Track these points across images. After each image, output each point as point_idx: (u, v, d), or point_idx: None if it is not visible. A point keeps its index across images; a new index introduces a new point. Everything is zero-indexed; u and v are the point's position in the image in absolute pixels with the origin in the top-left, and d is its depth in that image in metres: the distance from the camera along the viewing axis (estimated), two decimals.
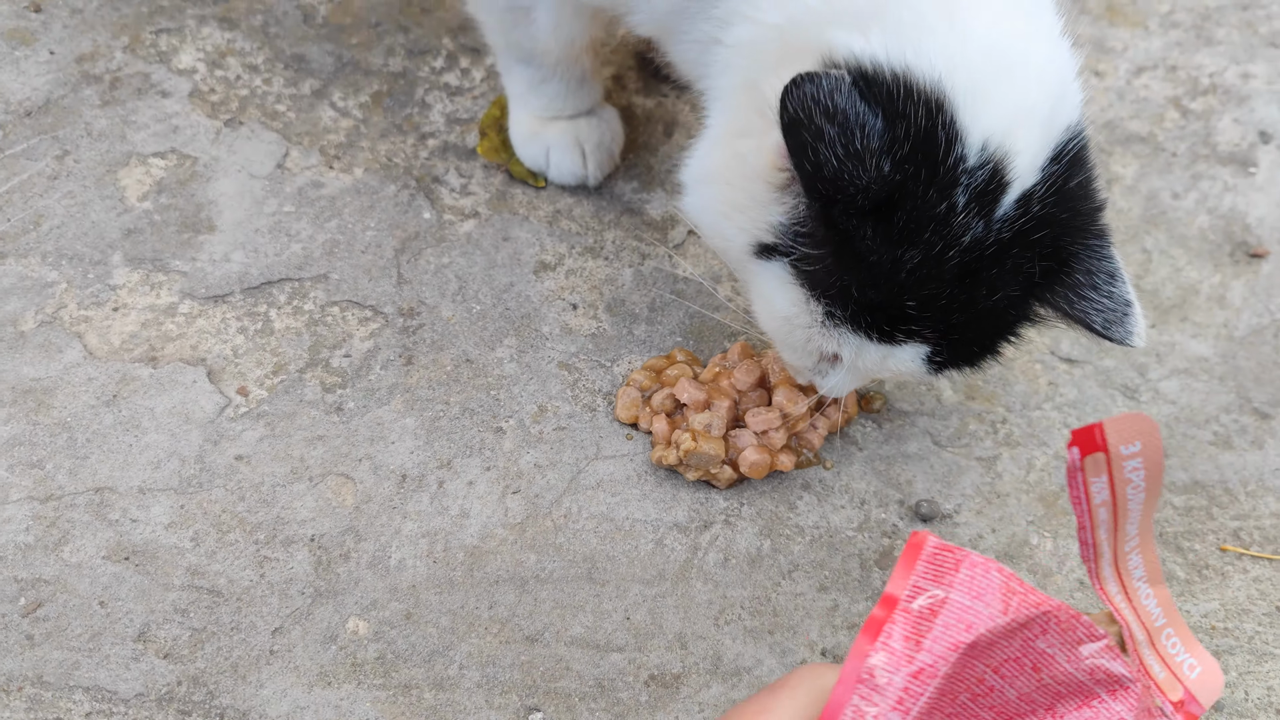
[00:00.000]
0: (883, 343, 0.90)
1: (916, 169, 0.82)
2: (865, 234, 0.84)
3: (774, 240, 0.89)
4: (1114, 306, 0.91)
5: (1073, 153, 0.89)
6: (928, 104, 0.82)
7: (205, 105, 1.28)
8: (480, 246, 1.22)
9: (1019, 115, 0.85)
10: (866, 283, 0.86)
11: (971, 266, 0.86)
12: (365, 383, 1.13)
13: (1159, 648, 0.89)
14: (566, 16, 1.12)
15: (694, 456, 1.07)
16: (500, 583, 1.04)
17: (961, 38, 0.84)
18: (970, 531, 1.12)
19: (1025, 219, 0.87)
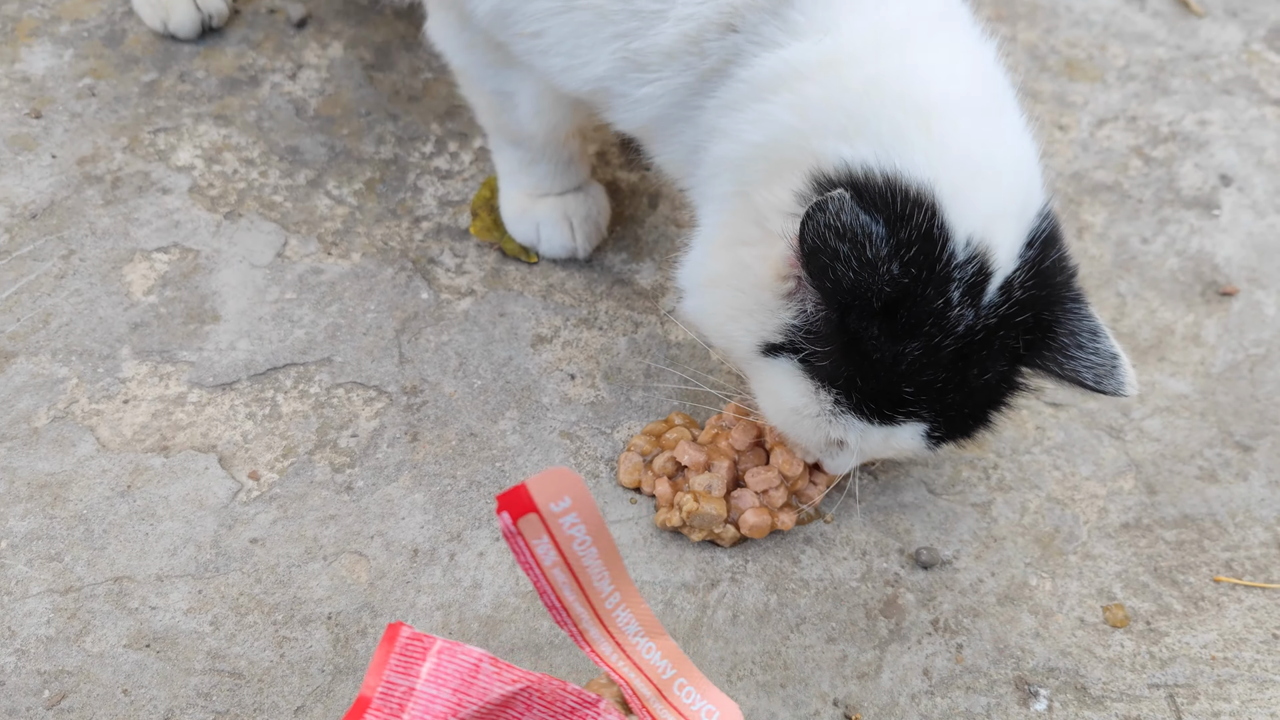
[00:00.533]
0: (884, 425, 0.97)
1: (919, 269, 0.89)
2: (873, 333, 0.91)
3: (783, 340, 0.96)
4: (1101, 361, 0.98)
5: (1045, 234, 0.96)
6: (921, 205, 0.89)
7: (204, 200, 1.32)
8: (478, 323, 1.26)
9: (996, 211, 0.93)
10: (869, 375, 0.93)
11: (964, 351, 0.93)
12: (373, 461, 1.15)
13: (672, 699, 0.86)
14: (547, 105, 1.17)
15: (697, 518, 1.10)
16: (515, 650, 1.06)
17: (940, 145, 0.91)
18: (970, 576, 1.15)
19: (1008, 304, 0.94)
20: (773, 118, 0.96)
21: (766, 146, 0.97)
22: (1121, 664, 1.11)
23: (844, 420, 0.97)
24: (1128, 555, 1.18)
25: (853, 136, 0.92)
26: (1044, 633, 1.12)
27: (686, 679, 0.86)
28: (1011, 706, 1.07)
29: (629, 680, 0.85)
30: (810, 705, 1.06)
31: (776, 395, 1.00)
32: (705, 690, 0.86)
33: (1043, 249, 0.96)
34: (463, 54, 1.18)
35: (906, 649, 1.10)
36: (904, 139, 0.91)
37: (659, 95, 1.01)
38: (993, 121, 0.97)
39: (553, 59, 1.04)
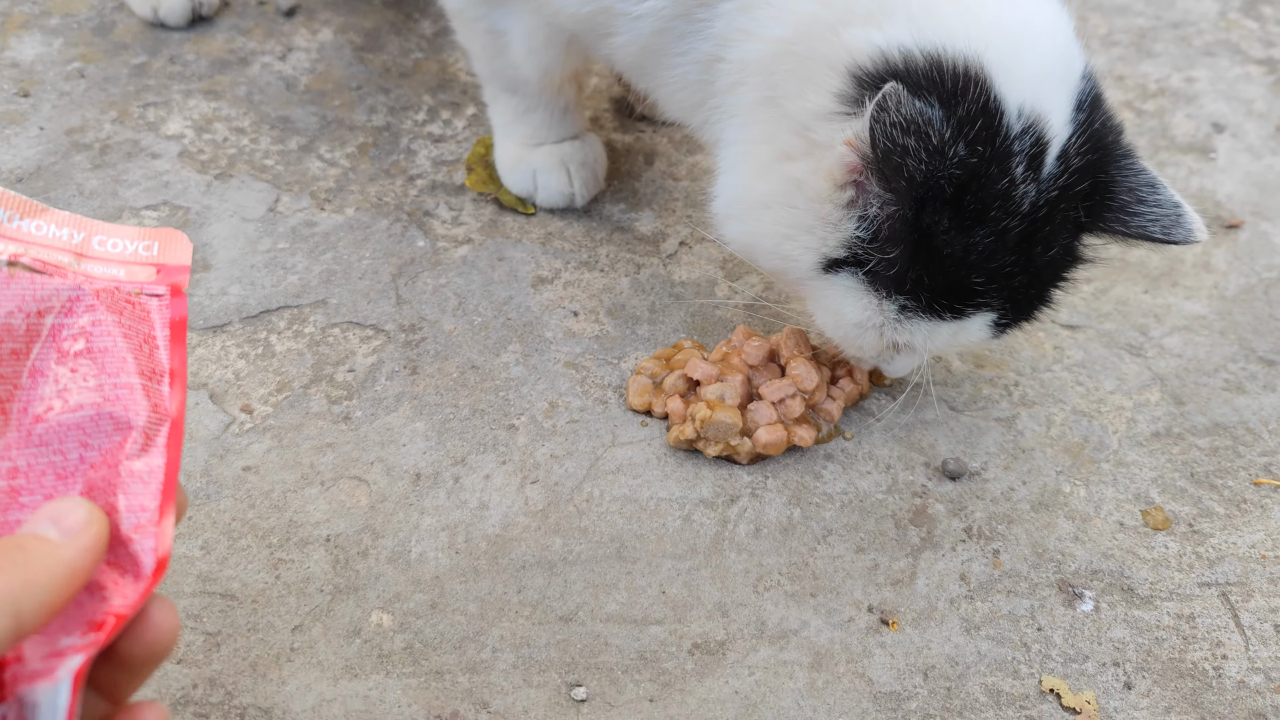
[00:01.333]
0: (955, 319, 0.93)
1: (983, 145, 0.85)
2: (943, 225, 0.87)
3: (846, 253, 0.91)
4: (1165, 212, 0.94)
5: (1091, 96, 0.93)
6: (971, 78, 0.86)
7: (195, 163, 1.30)
8: (476, 267, 1.23)
9: (1043, 77, 0.89)
10: (939, 271, 0.89)
11: (1030, 231, 0.90)
12: (371, 393, 1.11)
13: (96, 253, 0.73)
14: (539, 43, 1.14)
15: (711, 427, 1.05)
16: (527, 567, 0.99)
17: (974, 14, 0.88)
18: (1001, 485, 1.09)
19: (1067, 173, 0.90)
20: (796, 8, 0.92)
21: (793, 41, 0.92)
22: (1167, 564, 1.05)
23: (911, 324, 0.93)
24: (1161, 462, 1.13)
25: (880, 19, 0.88)
26: (1083, 536, 1.06)
27: (104, 233, 0.73)
28: (1056, 608, 1.01)
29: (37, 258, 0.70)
30: (844, 612, 0.99)
31: (838, 312, 0.96)
32: (123, 232, 0.73)
33: (1091, 111, 0.92)
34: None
35: (940, 556, 1.04)
36: (935, 13, 0.88)
37: (663, 6, 0.98)
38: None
39: None
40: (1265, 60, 1.63)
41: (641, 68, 1.07)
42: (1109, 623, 1.00)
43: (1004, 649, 0.98)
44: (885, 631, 0.98)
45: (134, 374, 0.68)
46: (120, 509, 0.63)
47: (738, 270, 1.26)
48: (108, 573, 0.62)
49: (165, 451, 0.67)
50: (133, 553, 0.63)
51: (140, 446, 0.66)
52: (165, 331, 0.70)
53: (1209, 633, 1.00)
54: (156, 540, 0.63)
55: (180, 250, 0.74)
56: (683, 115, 1.08)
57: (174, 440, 0.67)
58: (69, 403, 0.66)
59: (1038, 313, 0.99)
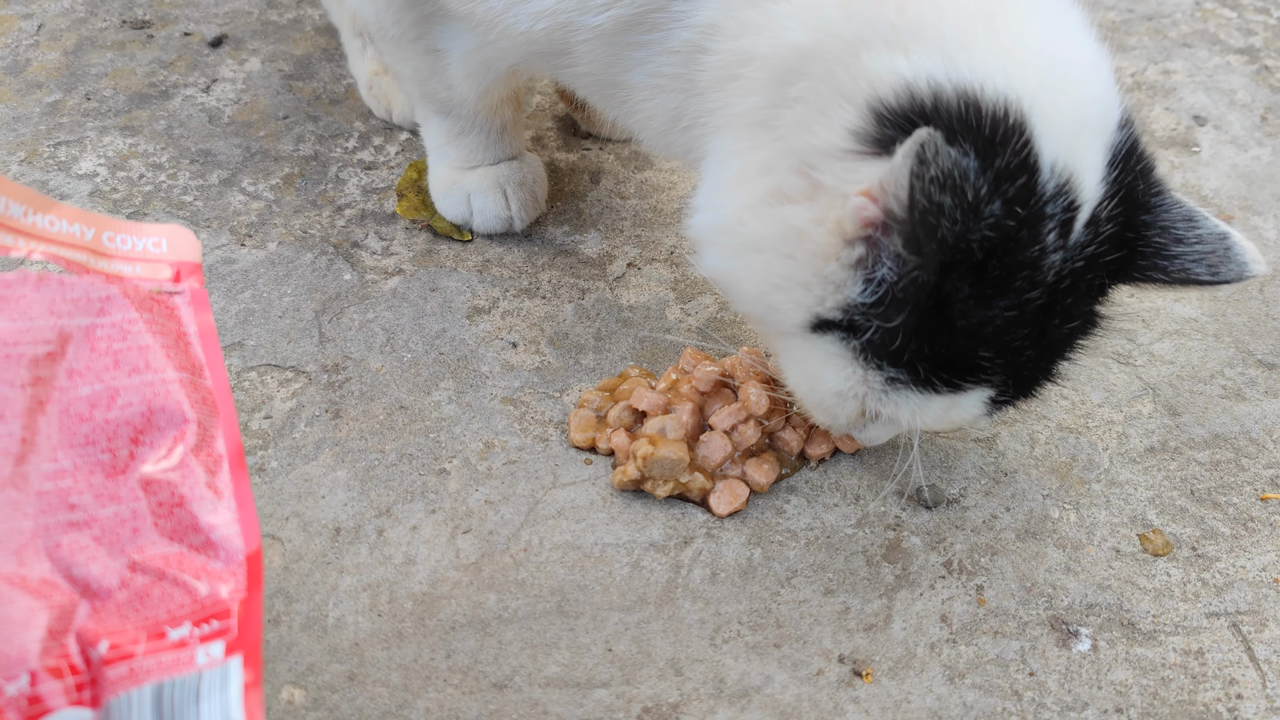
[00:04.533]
0: (950, 394, 0.81)
1: (1021, 205, 0.74)
2: (963, 293, 0.75)
3: (840, 317, 0.79)
4: (1209, 248, 0.82)
5: (1127, 148, 0.81)
6: (1011, 125, 0.73)
7: (107, 203, 1.22)
8: (407, 299, 1.14)
9: (1080, 128, 0.77)
10: (944, 343, 0.77)
11: (1049, 303, 0.78)
12: (289, 441, 1.01)
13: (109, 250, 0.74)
14: (478, 65, 1.05)
15: (655, 465, 0.96)
16: (457, 628, 0.89)
17: (1011, 47, 0.75)
18: (982, 513, 1.00)
19: (1096, 241, 0.79)
20: (822, 12, 0.78)
21: (810, 55, 0.78)
22: (1171, 594, 0.95)
23: (898, 396, 0.81)
24: (1158, 480, 1.03)
25: (908, 44, 0.75)
26: (1075, 567, 0.96)
27: (111, 228, 0.73)
28: (1050, 649, 0.91)
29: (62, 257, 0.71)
30: (812, 664, 0.89)
31: (816, 377, 0.84)
32: (137, 230, 0.75)
33: (1125, 164, 0.80)
34: (388, 13, 1.04)
35: (918, 595, 0.94)
36: (970, 42, 0.75)
37: (623, 15, 0.85)
38: (1056, 18, 0.80)
39: (489, 2, 0.90)
40: (1245, 49, 1.55)
41: (599, 78, 0.93)
42: (1109, 663, 0.90)
43: (993, 699, 0.87)
44: (859, 684, 0.88)
45: (174, 369, 0.70)
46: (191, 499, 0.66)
47: (690, 291, 1.17)
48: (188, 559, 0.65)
49: (226, 443, 0.70)
50: (214, 540, 0.66)
51: (199, 438, 0.69)
52: (194, 327, 0.73)
53: (1220, 669, 0.90)
54: (244, 528, 0.67)
55: (190, 247, 0.76)
56: (648, 125, 0.94)
57: (230, 429, 0.70)
58: (116, 401, 0.67)
59: (1039, 390, 0.87)
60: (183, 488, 0.68)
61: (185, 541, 0.67)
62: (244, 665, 0.64)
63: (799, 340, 0.82)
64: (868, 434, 0.92)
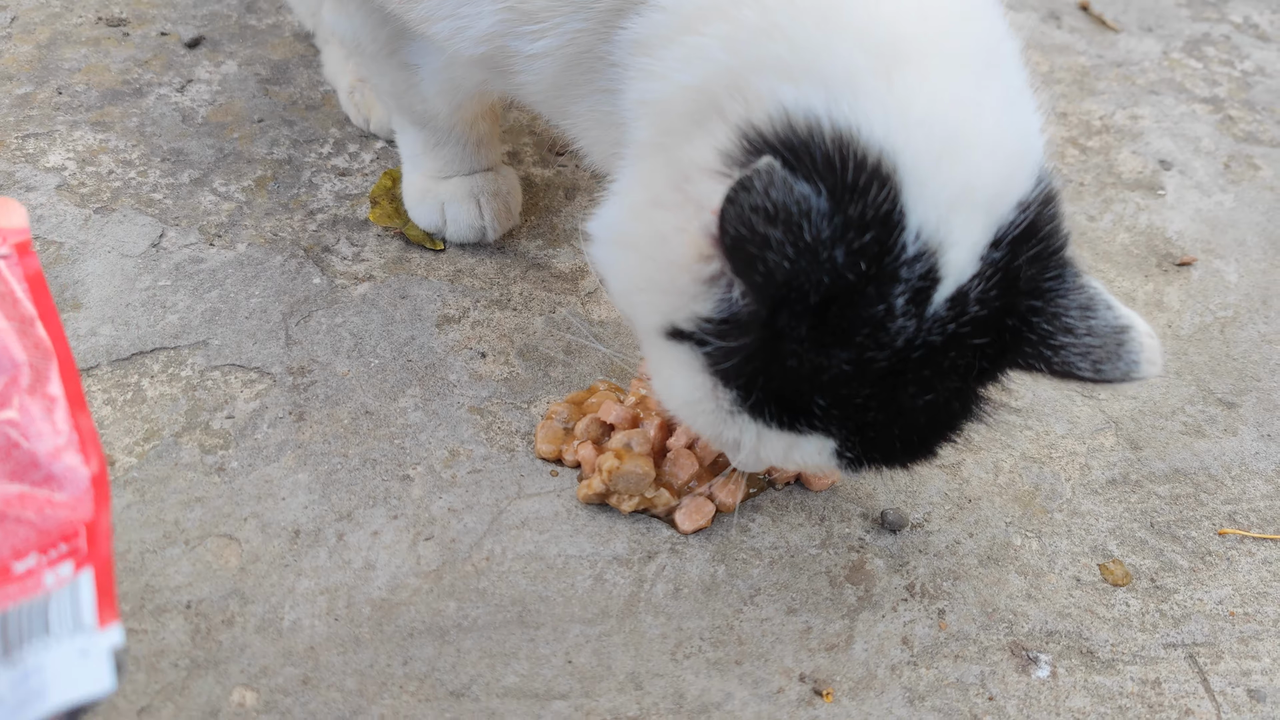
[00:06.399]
0: (785, 431, 0.78)
1: (868, 261, 0.70)
2: (799, 334, 0.72)
3: (690, 329, 0.77)
4: (1099, 342, 0.77)
5: (1019, 230, 0.76)
6: (880, 177, 0.70)
7: (74, 196, 1.20)
8: (377, 305, 1.13)
9: (959, 201, 0.72)
10: (780, 378, 0.75)
11: (898, 369, 0.75)
12: (251, 442, 1.00)
13: None
14: (448, 82, 1.05)
15: (620, 479, 0.95)
16: (416, 635, 0.88)
17: (901, 101, 0.72)
18: (945, 538, 1.00)
19: (959, 320, 0.75)
20: (706, 54, 0.78)
21: (698, 91, 0.78)
22: (1129, 624, 0.96)
23: (741, 421, 0.79)
24: (1119, 511, 1.04)
25: (798, 75, 0.73)
26: (1036, 594, 0.97)
27: None
28: (1009, 674, 0.91)
29: None
30: (773, 682, 0.88)
31: (671, 383, 0.82)
32: None
33: (1014, 248, 0.75)
34: (364, 30, 1.05)
35: (880, 617, 0.94)
36: (859, 86, 0.72)
37: (557, 46, 0.86)
38: (973, 81, 0.75)
39: (438, 24, 0.91)
40: (1210, 99, 1.59)
41: (551, 104, 0.95)
42: (1067, 690, 0.90)
43: None
44: (819, 704, 0.87)
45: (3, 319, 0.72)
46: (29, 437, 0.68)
47: None
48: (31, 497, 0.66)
49: (62, 383, 0.71)
50: (55, 473, 0.68)
51: (32, 379, 0.70)
52: (23, 285, 0.75)
53: (1177, 700, 0.91)
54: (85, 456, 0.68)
55: (15, 214, 0.78)
56: (593, 150, 0.96)
57: (68, 371, 0.72)
58: None
59: (908, 460, 0.83)
60: (19, 429, 0.69)
61: (27, 479, 0.68)
62: (95, 577, 0.65)
63: (659, 342, 0.81)
64: (738, 458, 0.87)
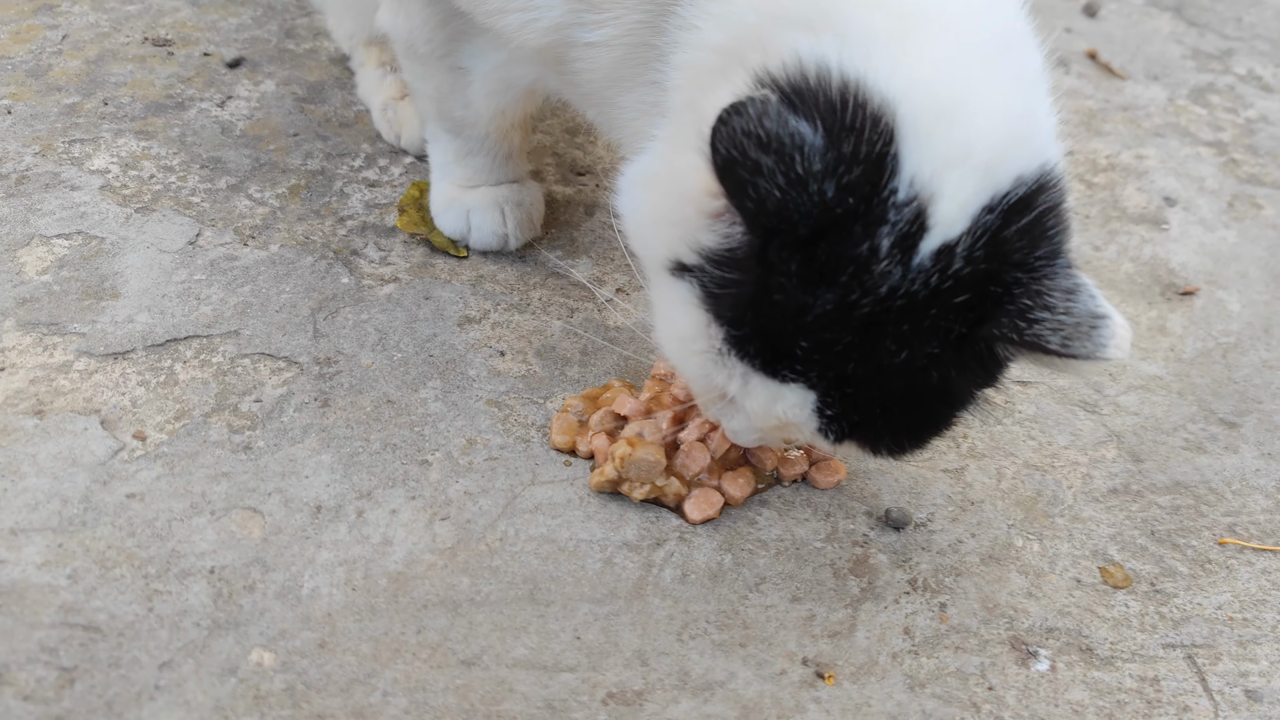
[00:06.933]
0: (768, 378, 0.81)
1: (856, 197, 0.75)
2: (789, 269, 0.76)
3: (693, 262, 0.82)
4: (1073, 321, 0.78)
5: (1015, 200, 0.79)
6: (878, 121, 0.75)
7: (116, 197, 1.25)
8: (401, 305, 1.17)
9: (957, 160, 0.76)
10: (767, 316, 0.78)
11: (879, 317, 0.77)
12: (277, 424, 1.03)
13: None
14: (500, 84, 1.11)
15: (632, 465, 0.98)
16: (430, 607, 0.90)
17: (911, 61, 0.77)
18: (948, 537, 1.02)
19: (944, 275, 0.77)
20: (735, 16, 0.84)
21: (726, 48, 0.84)
22: (1129, 624, 0.97)
23: (730, 363, 0.82)
24: (1119, 519, 1.06)
25: (817, 27, 0.78)
26: (1037, 593, 0.99)
27: None
28: (1009, 667, 0.93)
29: None
30: (775, 664, 0.90)
31: (669, 319, 0.86)
32: None
33: (1006, 216, 0.78)
34: (421, 31, 1.10)
35: (883, 608, 0.96)
36: (873, 42, 0.77)
37: (615, 36, 0.92)
38: (984, 58, 0.81)
39: (510, 15, 0.96)
40: (1214, 142, 1.63)
41: (601, 95, 1.00)
42: (1066, 684, 0.92)
43: (951, 708, 0.89)
44: (820, 686, 0.89)
45: None
46: None
47: None
48: None
49: None
50: None
51: None
52: None
53: (1175, 697, 0.92)
54: None
55: None
56: (633, 141, 0.99)
57: None
58: None
59: (895, 438, 0.85)
60: None
61: None
62: None
63: (664, 280, 0.85)
64: (731, 424, 0.91)
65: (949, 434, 0.91)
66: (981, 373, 0.83)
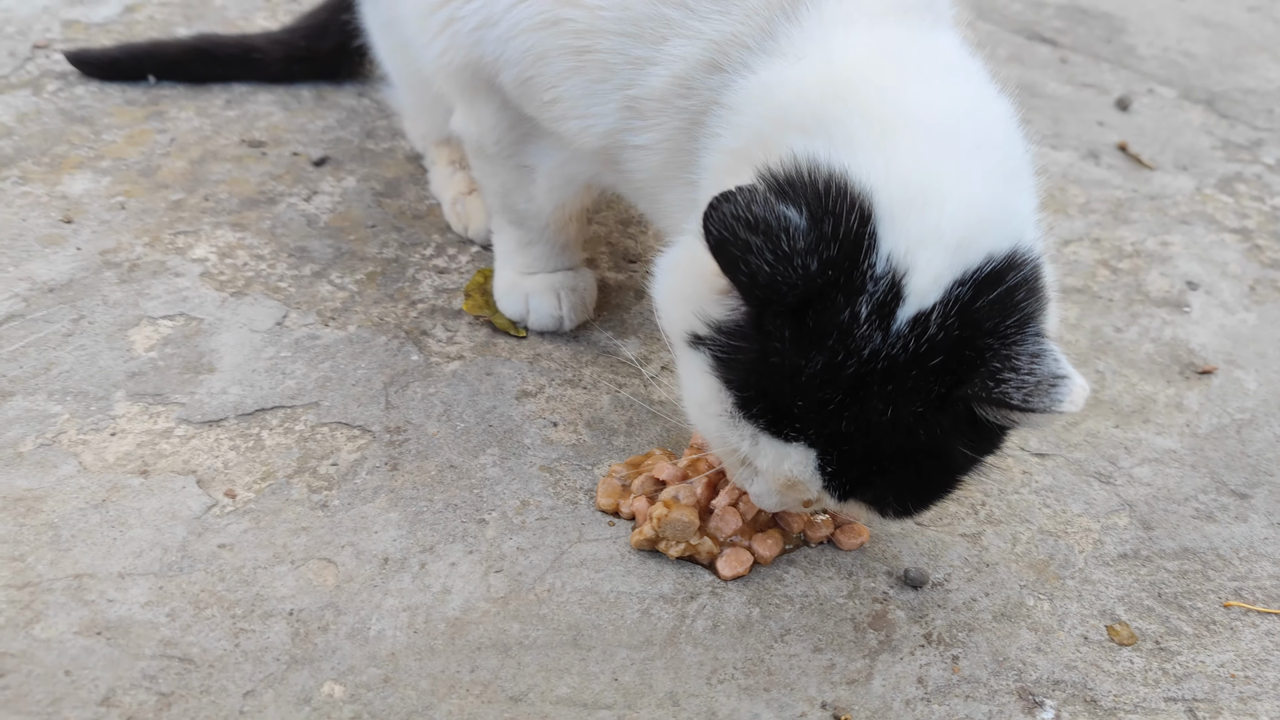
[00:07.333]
0: (774, 437, 0.92)
1: (836, 270, 0.87)
2: (783, 335, 0.88)
3: (706, 334, 0.94)
4: (1037, 380, 0.86)
5: (987, 274, 0.89)
6: (854, 205, 0.88)
7: (214, 282, 1.40)
8: (465, 380, 1.29)
9: (930, 239, 0.88)
10: (768, 380, 0.90)
11: (864, 379, 0.88)
12: (351, 485, 1.15)
13: None
14: (561, 180, 1.25)
15: (668, 525, 1.08)
16: (483, 649, 1.00)
17: (889, 156, 0.90)
18: (963, 596, 1.10)
19: (922, 339, 0.87)
20: (747, 125, 0.99)
21: (739, 151, 0.98)
22: (1133, 678, 1.04)
23: (740, 426, 0.93)
24: (1128, 582, 1.13)
25: (812, 131, 0.93)
26: (1045, 648, 1.06)
27: None
28: (1016, 715, 0.99)
29: None
30: (796, 708, 0.98)
31: (690, 388, 0.99)
32: None
33: (978, 289, 0.88)
34: (491, 134, 1.24)
35: (898, 659, 1.03)
36: (857, 141, 0.92)
37: (659, 140, 1.06)
38: (959, 153, 0.92)
39: (570, 121, 1.11)
40: (1239, 229, 1.71)
41: (649, 191, 1.14)
42: None
43: None
44: None
45: None
46: None
47: None
48: None
49: None
50: None
51: None
52: None
53: None
54: None
55: None
56: (672, 232, 1.14)
57: None
58: None
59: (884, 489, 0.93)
60: None
61: None
62: None
63: (685, 352, 0.98)
64: (753, 488, 1.00)
65: (956, 497, 1.00)
66: (973, 435, 0.91)
